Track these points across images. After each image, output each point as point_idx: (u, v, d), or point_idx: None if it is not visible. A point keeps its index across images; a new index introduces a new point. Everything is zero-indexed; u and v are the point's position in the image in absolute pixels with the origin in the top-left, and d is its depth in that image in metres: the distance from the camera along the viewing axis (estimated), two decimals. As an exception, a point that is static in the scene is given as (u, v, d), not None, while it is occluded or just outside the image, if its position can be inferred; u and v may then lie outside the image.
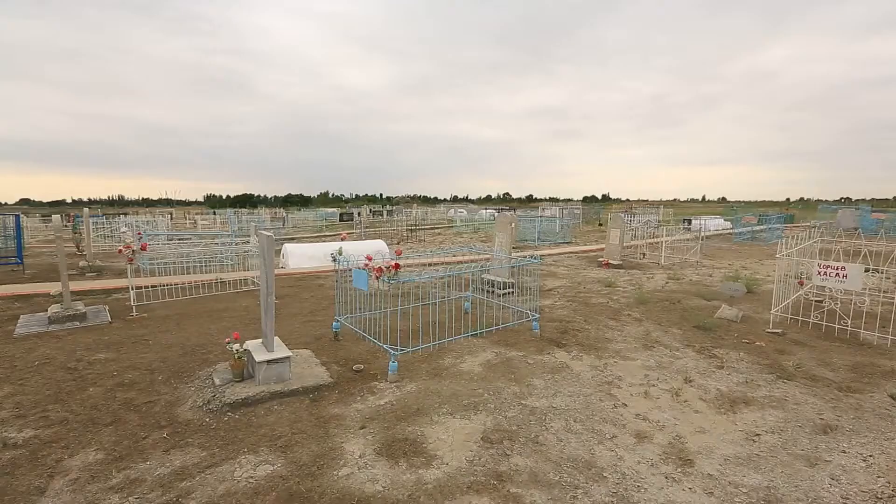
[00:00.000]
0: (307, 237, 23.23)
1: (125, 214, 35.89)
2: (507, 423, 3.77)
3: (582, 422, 3.79)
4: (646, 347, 5.53)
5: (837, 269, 5.49)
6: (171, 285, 8.26)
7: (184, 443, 3.50)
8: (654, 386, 4.48)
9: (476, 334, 5.90)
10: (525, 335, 5.98)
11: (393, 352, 4.70)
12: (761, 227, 19.02)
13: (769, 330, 6.00)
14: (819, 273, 5.63)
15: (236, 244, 10.03)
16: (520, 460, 3.25)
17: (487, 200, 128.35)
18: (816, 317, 5.93)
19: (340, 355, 5.32)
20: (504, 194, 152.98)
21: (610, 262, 12.59)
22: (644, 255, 14.14)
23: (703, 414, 3.95)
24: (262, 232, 4.45)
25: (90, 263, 11.26)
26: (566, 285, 9.48)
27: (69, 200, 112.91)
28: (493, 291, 8.86)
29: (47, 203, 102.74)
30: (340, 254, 5.61)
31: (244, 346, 4.48)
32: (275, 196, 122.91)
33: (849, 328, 5.80)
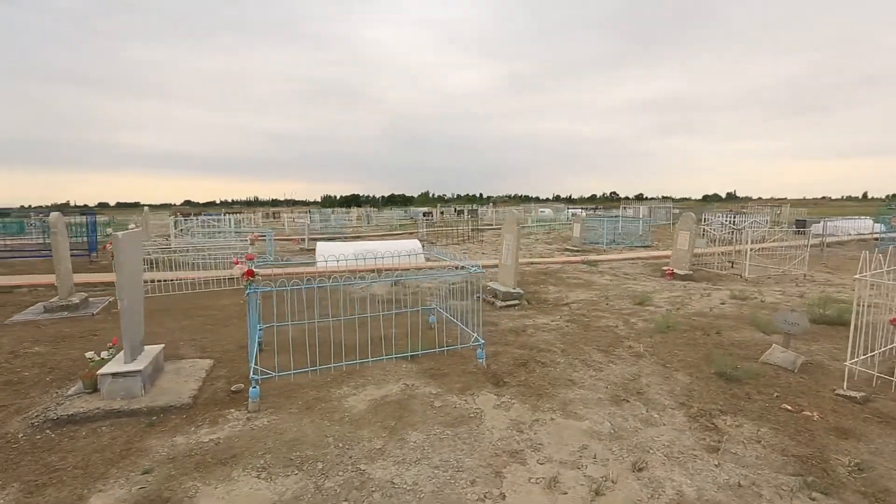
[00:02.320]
0: (374, 235, 23.58)
1: (239, 213, 40.82)
2: (312, 497, 2.69)
3: (410, 516, 2.54)
4: (615, 401, 3.87)
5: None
6: (174, 280, 8.52)
7: (-37, 464, 3.10)
8: (578, 469, 2.97)
9: (406, 356, 4.80)
10: (468, 364, 4.70)
11: (255, 376, 3.88)
12: (926, 231, 14.02)
13: (841, 392, 3.84)
14: (928, 308, 3.38)
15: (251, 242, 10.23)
16: (256, 572, 2.19)
17: (591, 200, 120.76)
18: (927, 380, 3.61)
19: (243, 370, 4.67)
20: (611, 193, 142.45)
21: (675, 271, 10.19)
22: (732, 264, 11.27)
23: (617, 536, 2.40)
24: (116, 234, 3.97)
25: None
26: (590, 299, 7.69)
27: (217, 201, 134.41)
28: (493, 303, 7.56)
29: (202, 203, 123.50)
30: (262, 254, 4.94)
31: (102, 355, 4.05)
32: (381, 196, 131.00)
33: None
